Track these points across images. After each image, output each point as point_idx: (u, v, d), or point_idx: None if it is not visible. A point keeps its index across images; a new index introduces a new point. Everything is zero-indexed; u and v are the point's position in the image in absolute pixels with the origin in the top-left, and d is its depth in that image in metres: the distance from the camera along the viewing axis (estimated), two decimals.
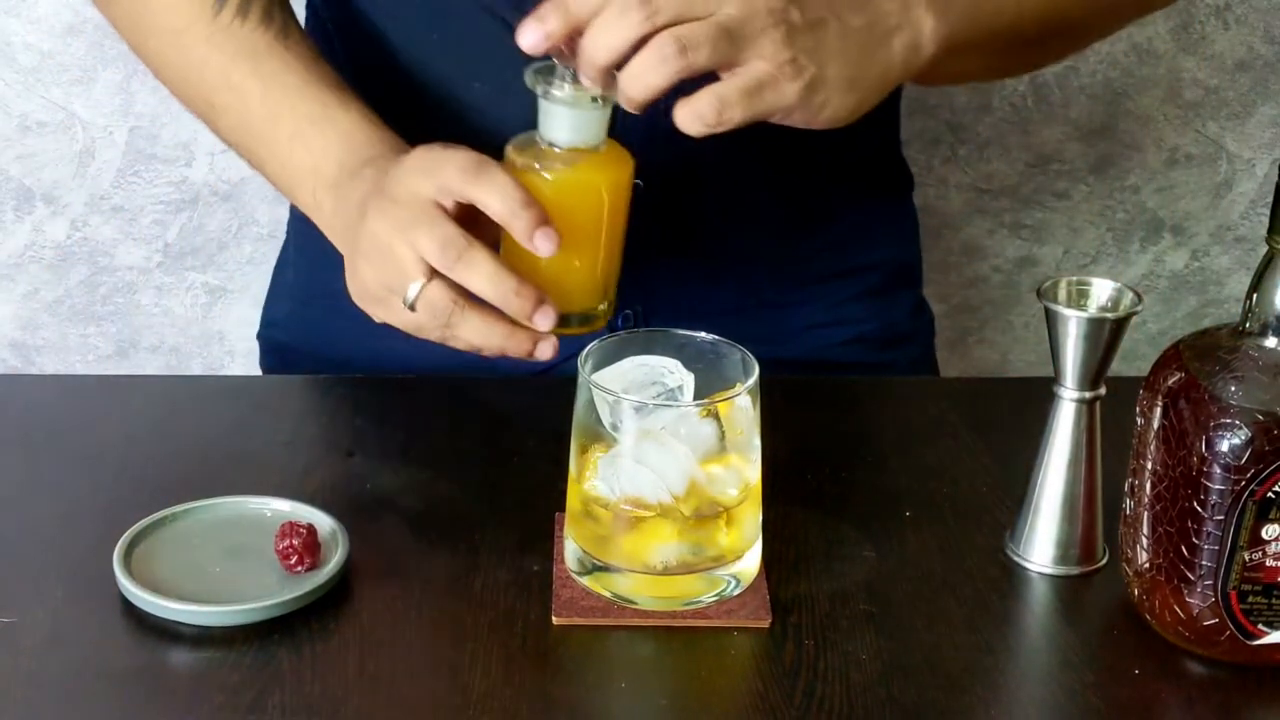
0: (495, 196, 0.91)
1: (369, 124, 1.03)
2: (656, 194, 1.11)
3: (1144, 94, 1.67)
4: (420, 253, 0.92)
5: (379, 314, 0.97)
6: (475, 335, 0.93)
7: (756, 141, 1.11)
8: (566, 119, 0.93)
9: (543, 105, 0.93)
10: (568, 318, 0.95)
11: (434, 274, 0.92)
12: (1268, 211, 1.71)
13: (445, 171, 0.92)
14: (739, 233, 1.17)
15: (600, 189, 0.94)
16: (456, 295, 0.92)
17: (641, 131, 1.08)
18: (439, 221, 0.92)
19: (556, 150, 0.93)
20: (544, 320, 0.93)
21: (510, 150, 0.95)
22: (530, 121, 0.94)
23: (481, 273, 0.91)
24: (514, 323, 0.93)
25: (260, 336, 1.30)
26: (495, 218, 0.91)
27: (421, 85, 1.12)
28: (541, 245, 0.91)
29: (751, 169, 1.14)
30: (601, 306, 0.98)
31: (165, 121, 1.60)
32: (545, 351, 0.95)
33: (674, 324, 0.92)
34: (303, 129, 1.03)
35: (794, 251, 1.20)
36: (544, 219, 0.91)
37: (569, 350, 1.16)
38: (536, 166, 0.93)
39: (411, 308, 0.93)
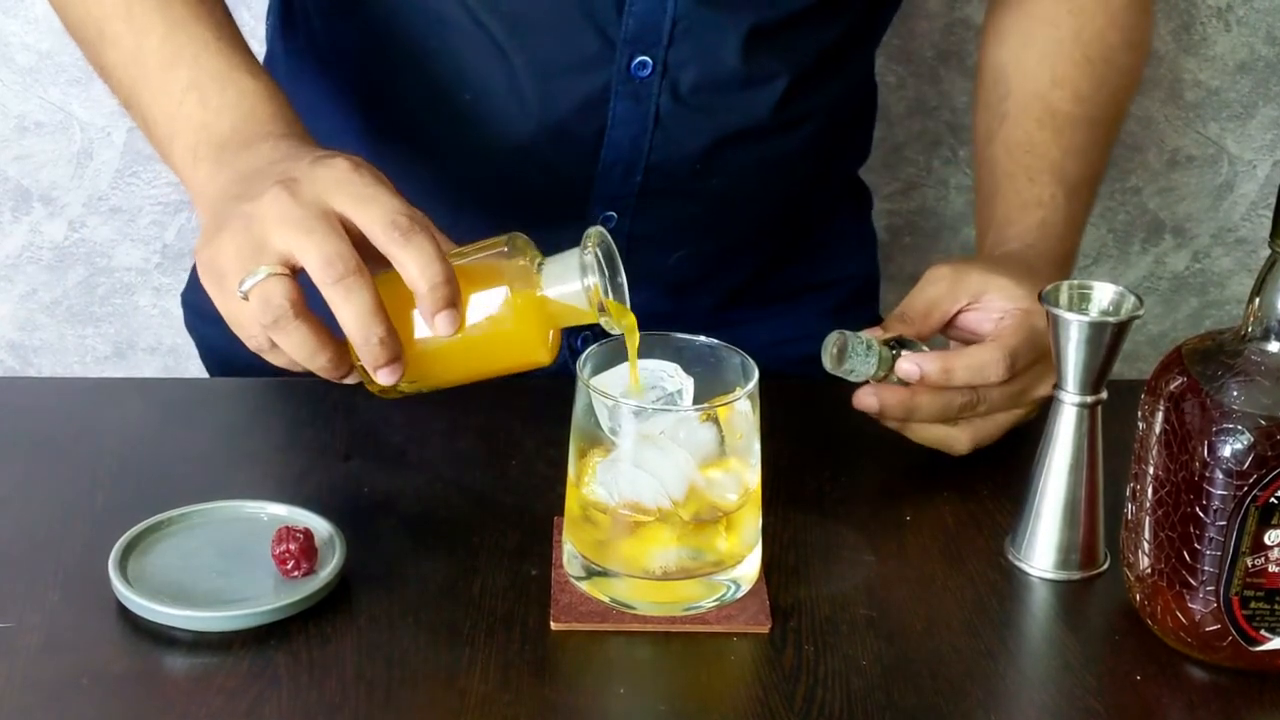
0: (414, 264, 0.84)
1: (275, 98, 0.97)
2: (631, 212, 1.12)
3: (1145, 95, 1.66)
4: (296, 255, 0.85)
5: (212, 291, 0.90)
6: (296, 347, 0.86)
7: (734, 166, 1.12)
8: (579, 298, 0.87)
9: (573, 261, 0.87)
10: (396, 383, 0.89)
11: (285, 273, 0.86)
12: (1269, 213, 1.71)
13: (371, 210, 0.86)
14: (710, 250, 1.18)
15: (536, 347, 0.89)
16: (297, 298, 0.85)
17: (626, 150, 1.08)
18: (333, 236, 0.85)
19: (550, 291, 0.87)
20: (387, 377, 0.86)
21: (523, 241, 0.89)
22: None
23: (358, 304, 0.84)
24: (340, 350, 0.87)
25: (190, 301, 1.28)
26: (406, 282, 0.85)
27: (411, 94, 1.11)
28: (441, 326, 0.85)
29: (728, 191, 1.14)
30: (414, 389, 0.92)
31: None
32: (346, 381, 0.89)
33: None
34: (202, 81, 0.96)
35: (763, 268, 1.21)
36: (453, 300, 0.85)
37: (568, 352, 1.17)
38: (535, 272, 0.88)
39: (245, 296, 0.86)
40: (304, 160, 0.89)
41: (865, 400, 1.00)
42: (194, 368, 1.72)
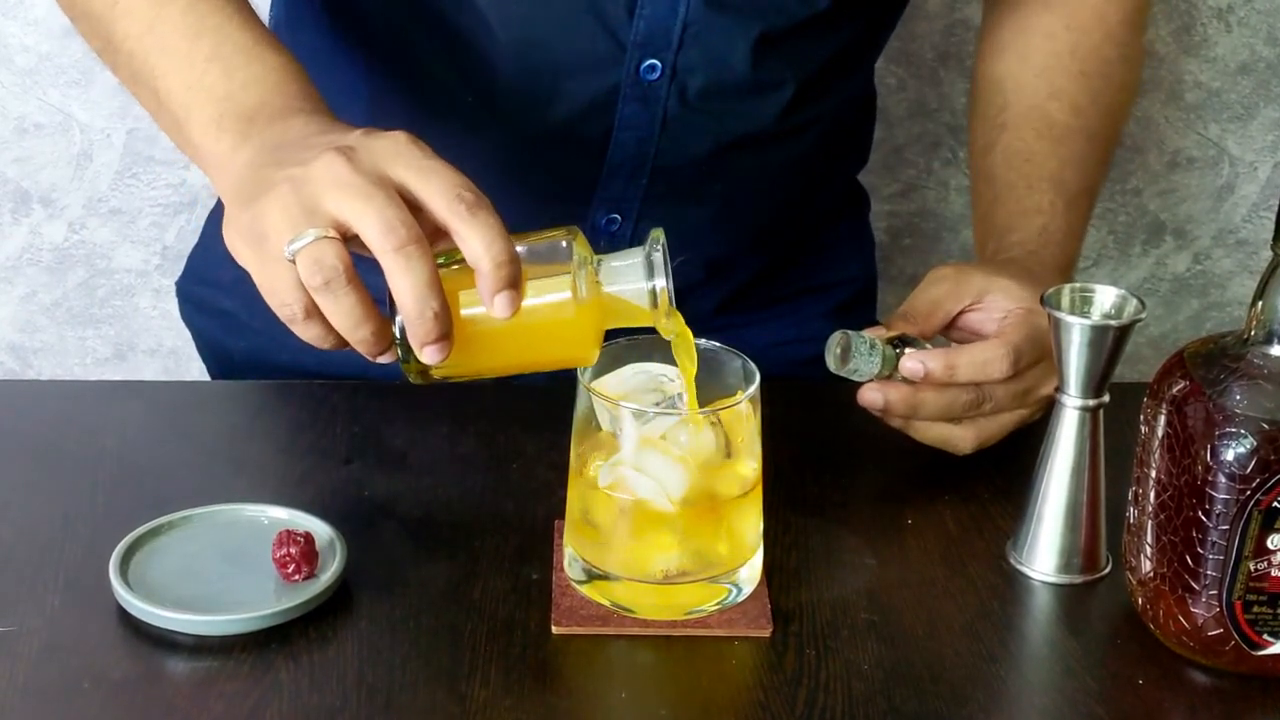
0: (479, 239, 0.81)
1: (301, 76, 0.94)
2: (635, 215, 1.12)
3: (1145, 96, 1.66)
4: (352, 221, 0.81)
5: (248, 253, 0.85)
6: (343, 314, 0.82)
7: (739, 171, 1.12)
8: (642, 297, 0.85)
9: (637, 260, 0.85)
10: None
11: (337, 237, 0.82)
12: (1270, 214, 1.71)
13: (435, 182, 0.83)
14: (712, 254, 1.18)
15: (587, 342, 0.86)
16: (350, 264, 0.81)
17: (632, 153, 1.09)
18: (393, 203, 0.81)
19: (612, 288, 0.85)
20: (434, 354, 0.82)
21: (582, 236, 0.86)
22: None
23: (418, 274, 0.80)
24: (383, 325, 0.83)
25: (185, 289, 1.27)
26: (468, 258, 0.82)
27: (415, 93, 1.11)
28: (500, 306, 0.82)
29: (731, 196, 1.14)
30: (452, 375, 0.88)
31: None
32: (382, 359, 0.85)
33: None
34: (226, 53, 0.93)
35: (763, 271, 1.21)
36: (515, 280, 0.82)
37: None
38: (592, 267, 0.86)
39: (292, 258, 0.81)
40: (354, 132, 0.86)
41: (870, 397, 1.00)
42: (194, 369, 1.71)
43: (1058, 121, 1.16)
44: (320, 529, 0.91)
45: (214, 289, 1.24)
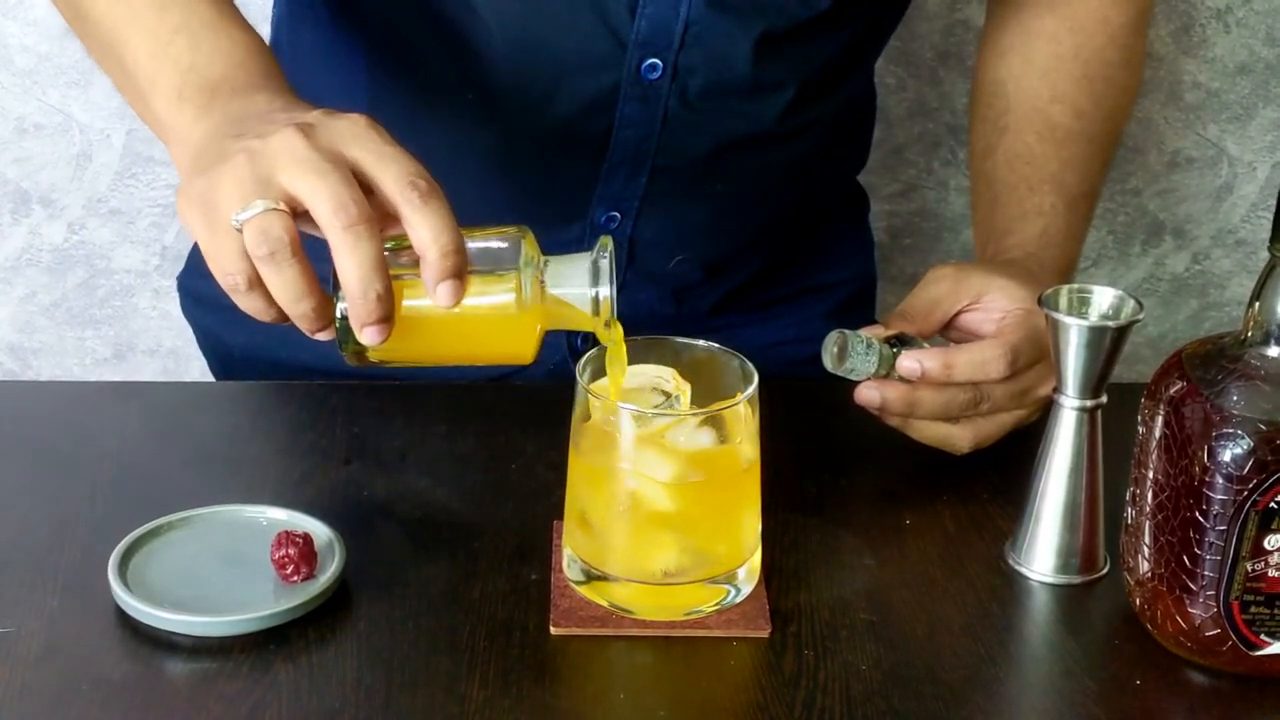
0: (428, 227, 0.82)
1: (266, 54, 0.95)
2: (634, 214, 1.12)
3: (1145, 97, 1.66)
4: (304, 196, 0.81)
5: (196, 221, 0.85)
6: (284, 286, 0.82)
7: (738, 171, 1.12)
8: (584, 302, 0.86)
9: (584, 265, 0.86)
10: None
11: (286, 210, 0.82)
12: (1269, 215, 1.71)
13: (391, 167, 0.83)
14: (711, 253, 1.18)
15: (526, 341, 0.87)
16: (296, 237, 0.81)
17: (632, 152, 1.09)
18: (346, 182, 0.81)
19: (556, 291, 0.86)
20: (373, 336, 0.82)
21: (531, 235, 0.87)
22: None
23: (365, 254, 0.80)
24: (325, 301, 0.83)
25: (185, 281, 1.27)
26: (415, 245, 0.82)
27: (415, 91, 1.11)
28: (442, 295, 0.82)
29: (730, 196, 1.14)
30: (387, 361, 0.88)
31: None
32: (320, 336, 0.85)
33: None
34: (193, 26, 0.93)
35: (762, 271, 1.21)
36: (460, 271, 0.82)
37: (568, 354, 1.17)
38: (539, 269, 0.86)
39: (239, 227, 0.81)
40: (315, 110, 0.87)
41: (867, 395, 1.00)
42: (194, 370, 1.72)
43: (1059, 124, 1.16)
44: (319, 530, 0.91)
45: (214, 283, 1.24)
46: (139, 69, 0.95)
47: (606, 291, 0.85)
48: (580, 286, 0.86)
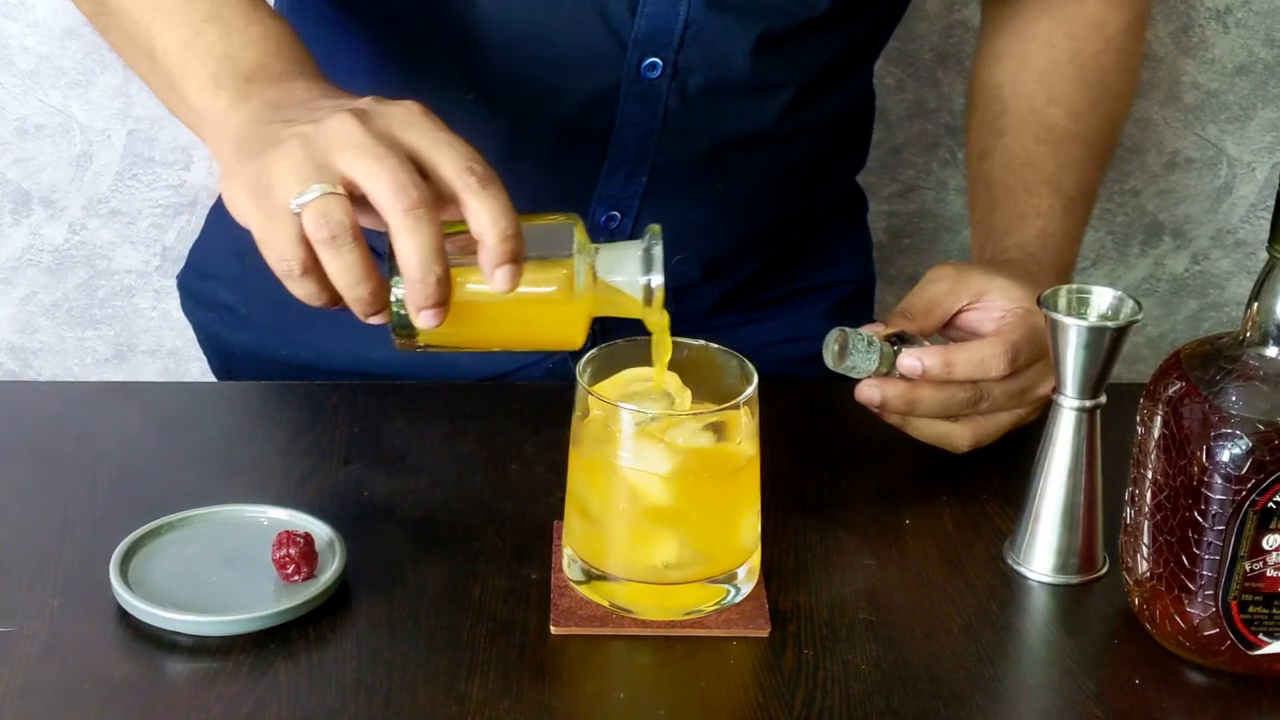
0: (487, 212, 0.82)
1: (299, 43, 0.95)
2: (634, 213, 1.12)
3: (1144, 97, 1.66)
4: (362, 180, 0.81)
5: (249, 206, 0.84)
6: (344, 270, 0.82)
7: (738, 171, 1.12)
8: (635, 289, 0.86)
9: (635, 253, 0.86)
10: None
11: (344, 194, 0.82)
12: (1268, 215, 1.71)
13: (448, 153, 0.83)
14: (710, 253, 1.18)
15: (577, 327, 0.87)
16: (355, 221, 0.82)
17: (632, 151, 1.09)
18: (405, 166, 0.82)
19: (609, 278, 0.86)
20: (430, 319, 0.82)
21: (582, 224, 0.87)
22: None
23: (425, 238, 0.80)
24: (381, 286, 0.83)
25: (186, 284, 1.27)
26: (473, 230, 0.83)
27: (415, 90, 1.11)
28: (499, 280, 0.82)
29: (730, 196, 1.15)
30: (438, 345, 0.88)
31: (163, 124, 1.60)
32: (374, 320, 0.85)
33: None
34: (224, 15, 0.93)
35: (761, 271, 1.22)
36: (517, 256, 0.82)
37: (569, 354, 1.17)
38: (591, 256, 0.86)
39: (298, 210, 0.81)
40: (365, 97, 0.87)
41: (867, 393, 1.00)
42: (194, 370, 1.72)
43: (1056, 126, 1.16)
44: (319, 529, 0.91)
45: (214, 282, 1.25)
46: (169, 58, 0.94)
47: (659, 279, 0.85)
48: (632, 274, 0.86)
